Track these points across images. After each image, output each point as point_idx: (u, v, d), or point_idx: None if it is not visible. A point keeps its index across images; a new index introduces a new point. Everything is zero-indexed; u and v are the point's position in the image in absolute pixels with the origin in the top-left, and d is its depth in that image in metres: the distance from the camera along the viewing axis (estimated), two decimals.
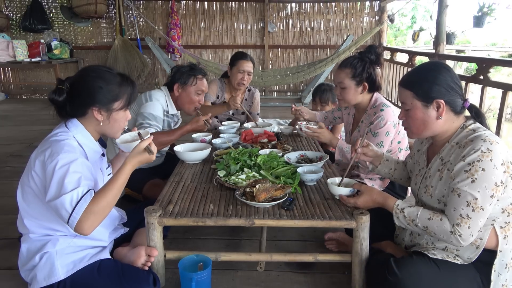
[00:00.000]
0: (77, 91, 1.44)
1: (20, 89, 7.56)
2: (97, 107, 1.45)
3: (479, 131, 1.35)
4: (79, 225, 1.26)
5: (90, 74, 1.47)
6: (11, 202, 2.64)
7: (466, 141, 1.34)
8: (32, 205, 1.42)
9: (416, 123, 1.44)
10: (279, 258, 1.67)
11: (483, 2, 4.69)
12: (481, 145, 1.28)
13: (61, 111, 1.47)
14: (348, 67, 2.10)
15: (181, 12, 7.23)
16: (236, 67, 2.91)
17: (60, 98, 1.42)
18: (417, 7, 14.18)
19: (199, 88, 2.41)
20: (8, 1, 7.12)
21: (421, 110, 1.41)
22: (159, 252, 1.55)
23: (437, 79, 1.38)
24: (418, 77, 1.43)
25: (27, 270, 1.45)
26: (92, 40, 7.37)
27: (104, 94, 1.45)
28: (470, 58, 5.60)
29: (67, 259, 1.42)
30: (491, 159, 1.26)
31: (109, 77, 1.47)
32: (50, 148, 1.36)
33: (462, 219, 1.28)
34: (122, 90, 1.49)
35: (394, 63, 5.83)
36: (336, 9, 7.27)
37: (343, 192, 1.63)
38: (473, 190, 1.27)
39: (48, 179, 1.31)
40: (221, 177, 1.84)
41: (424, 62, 1.52)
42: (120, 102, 1.49)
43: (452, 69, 1.42)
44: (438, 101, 1.38)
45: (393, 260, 1.40)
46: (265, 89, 7.48)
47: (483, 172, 1.26)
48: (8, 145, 4.12)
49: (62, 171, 1.30)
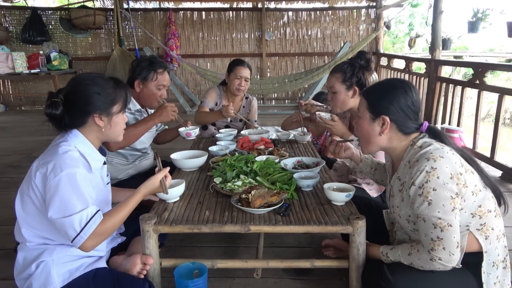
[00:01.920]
0: (74, 101, 1.42)
1: (20, 101, 7.60)
2: (97, 114, 1.45)
3: (425, 148, 1.33)
4: (83, 245, 1.30)
5: (83, 82, 1.46)
6: (8, 213, 2.64)
7: (414, 160, 1.34)
8: (30, 214, 1.41)
9: (362, 134, 1.48)
10: (276, 264, 1.65)
11: (477, 8, 4.74)
12: (425, 165, 1.27)
13: (59, 124, 1.44)
14: (339, 72, 2.16)
15: (179, 22, 7.29)
16: (233, 73, 2.92)
17: (57, 111, 1.40)
18: (414, 14, 14.30)
19: (160, 83, 2.31)
20: (7, 13, 7.20)
21: (368, 122, 1.44)
22: (155, 260, 1.54)
23: (391, 98, 1.39)
24: (377, 90, 1.45)
25: (22, 279, 1.43)
26: (91, 51, 7.42)
27: (103, 100, 1.45)
28: (465, 63, 5.63)
29: (63, 268, 1.40)
30: (438, 176, 1.24)
31: (103, 82, 1.48)
32: (52, 162, 1.34)
33: (434, 242, 1.28)
34: (118, 93, 1.50)
35: (391, 69, 5.87)
36: (333, 17, 7.34)
37: (339, 197, 1.62)
38: (433, 211, 1.26)
39: (51, 195, 1.30)
40: (217, 184, 1.84)
41: (393, 78, 1.55)
42: (118, 105, 1.51)
43: (414, 92, 1.40)
44: (384, 118, 1.39)
45: (386, 266, 1.40)
46: (264, 97, 7.51)
47: (435, 191, 1.25)
48: (6, 156, 4.13)
49: (68, 188, 1.30)
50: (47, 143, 1.51)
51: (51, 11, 7.36)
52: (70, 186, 1.31)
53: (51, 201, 1.30)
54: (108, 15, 7.15)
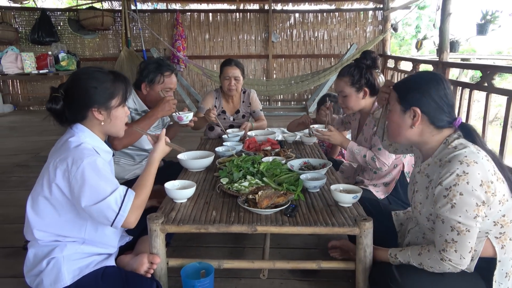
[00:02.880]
0: (72, 95, 1.45)
1: (28, 101, 7.67)
2: (96, 107, 1.46)
3: (459, 150, 1.30)
4: (127, 221, 1.38)
5: (82, 76, 1.48)
6: (17, 211, 2.68)
7: (445, 159, 1.31)
8: (44, 216, 1.42)
9: (392, 126, 1.46)
10: (282, 265, 1.65)
11: (486, 10, 4.70)
12: (457, 168, 1.24)
13: (61, 119, 1.47)
14: (346, 75, 2.13)
15: (186, 23, 7.33)
16: (222, 75, 2.95)
17: (57, 106, 1.43)
18: (421, 17, 14.24)
19: (166, 86, 2.33)
20: (17, 14, 7.28)
21: (398, 114, 1.41)
22: (162, 260, 1.55)
23: (422, 89, 1.36)
24: (408, 83, 1.44)
25: (33, 275, 1.45)
26: (99, 52, 7.48)
27: (100, 94, 1.46)
28: (473, 65, 5.59)
29: (73, 265, 1.42)
30: (467, 182, 1.22)
31: (101, 76, 1.49)
32: (70, 157, 1.36)
33: (447, 244, 1.27)
34: (117, 87, 1.51)
35: (398, 71, 5.84)
36: (340, 18, 7.33)
37: (346, 198, 1.62)
38: (454, 215, 1.24)
39: (79, 186, 1.33)
40: (224, 185, 1.85)
41: (424, 71, 1.53)
42: (117, 99, 1.51)
43: (446, 84, 1.37)
44: (414, 109, 1.36)
45: (395, 267, 1.39)
46: (270, 99, 7.52)
47: (461, 196, 1.23)
48: (14, 156, 4.17)
49: (94, 175, 1.34)
50: (55, 143, 1.53)
51: (60, 12, 7.43)
52: (94, 173, 1.35)
53: (81, 191, 1.33)
54: (116, 16, 7.21)
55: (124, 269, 1.52)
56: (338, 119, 2.70)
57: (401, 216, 1.75)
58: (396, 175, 2.16)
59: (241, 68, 2.98)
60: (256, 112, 3.13)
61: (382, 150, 2.04)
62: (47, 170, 1.41)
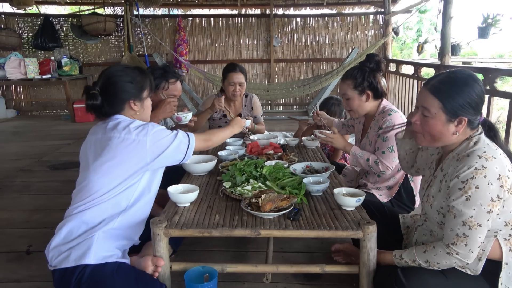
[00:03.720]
0: (110, 91, 1.60)
1: (31, 106, 7.72)
2: (132, 100, 1.63)
3: (479, 145, 1.30)
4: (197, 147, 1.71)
5: (116, 74, 1.63)
6: (20, 216, 2.69)
7: (463, 154, 1.31)
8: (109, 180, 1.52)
9: (433, 133, 1.37)
10: (285, 269, 1.65)
11: (487, 13, 4.70)
12: (476, 162, 1.24)
13: (100, 112, 1.61)
14: (349, 78, 2.14)
15: (188, 28, 7.37)
16: (227, 80, 2.96)
17: (98, 101, 1.57)
18: (422, 21, 14.28)
19: (170, 93, 2.35)
20: (20, 21, 7.34)
21: (443, 123, 1.34)
22: (165, 264, 1.55)
23: (470, 97, 1.30)
24: (453, 90, 1.32)
25: (59, 250, 1.46)
26: (101, 57, 7.53)
27: (135, 87, 1.64)
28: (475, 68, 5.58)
29: (102, 250, 1.47)
30: (485, 175, 1.22)
31: (131, 72, 1.67)
32: (133, 123, 1.56)
33: (458, 238, 1.27)
34: (145, 80, 1.70)
35: (400, 75, 5.85)
36: (341, 23, 7.35)
37: (349, 202, 1.62)
38: (468, 208, 1.24)
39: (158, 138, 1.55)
40: (227, 188, 1.85)
41: (457, 71, 1.39)
42: (147, 90, 1.70)
43: (481, 85, 1.34)
44: (462, 118, 1.31)
45: (400, 270, 1.39)
46: (271, 103, 7.54)
47: (477, 189, 1.23)
48: (18, 160, 4.18)
49: (160, 130, 1.58)
50: (58, 147, 1.56)
51: (63, 18, 7.49)
52: (159, 129, 1.58)
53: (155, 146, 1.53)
54: (118, 22, 7.26)
55: (137, 268, 1.53)
56: (339, 122, 2.71)
57: (408, 219, 1.75)
58: (399, 178, 2.15)
59: (244, 74, 3.00)
60: (257, 118, 3.15)
61: (386, 153, 2.04)
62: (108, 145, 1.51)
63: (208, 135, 1.84)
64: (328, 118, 2.71)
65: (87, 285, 1.40)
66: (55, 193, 3.18)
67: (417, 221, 1.62)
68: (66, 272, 1.42)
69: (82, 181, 1.55)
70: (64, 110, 7.40)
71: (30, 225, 2.53)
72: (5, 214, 2.73)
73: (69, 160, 4.06)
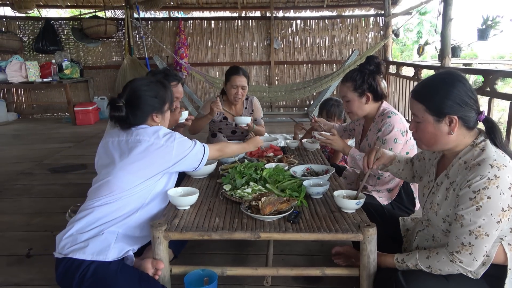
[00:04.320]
0: (136, 104, 1.67)
1: (32, 109, 7.73)
2: (155, 113, 1.72)
3: (488, 153, 1.28)
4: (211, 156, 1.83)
5: (142, 88, 1.70)
6: (20, 219, 2.69)
7: (473, 163, 1.29)
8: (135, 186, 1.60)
9: (427, 136, 1.39)
10: (285, 272, 1.64)
11: (487, 15, 4.71)
12: (488, 172, 1.22)
13: (125, 123, 1.67)
14: (349, 80, 2.15)
15: (188, 31, 7.39)
16: (229, 83, 2.96)
17: (123, 113, 1.64)
18: (423, 22, 14.31)
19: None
20: (22, 24, 7.37)
21: (433, 124, 1.35)
22: (165, 267, 1.54)
23: (450, 94, 1.31)
24: (431, 90, 1.36)
25: (74, 240, 1.49)
26: (102, 60, 7.55)
27: (158, 101, 1.73)
28: (475, 70, 5.58)
29: (120, 247, 1.52)
30: (497, 185, 1.20)
31: (156, 86, 1.75)
32: (161, 130, 1.65)
33: (464, 246, 1.25)
34: (167, 94, 1.78)
35: (400, 77, 5.85)
36: (341, 25, 7.36)
37: (349, 204, 1.61)
38: (478, 217, 1.22)
39: (182, 145, 1.68)
40: (227, 191, 1.85)
41: (438, 73, 1.43)
42: (168, 104, 1.79)
43: (467, 80, 1.35)
44: (451, 116, 1.32)
45: (401, 273, 1.38)
46: (272, 105, 7.54)
47: (489, 200, 1.21)
48: (18, 163, 4.19)
49: (185, 138, 1.72)
50: (58, 150, 1.57)
51: (64, 21, 7.51)
52: (183, 138, 1.71)
53: (179, 151, 1.65)
54: (119, 25, 7.28)
55: (139, 270, 1.54)
56: (340, 127, 2.71)
57: (408, 222, 1.74)
58: (399, 181, 2.15)
59: (247, 77, 3.00)
60: (258, 120, 3.15)
61: None
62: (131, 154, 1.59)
63: (221, 146, 1.97)
64: (327, 123, 2.70)
65: (90, 281, 1.42)
66: (55, 196, 3.18)
67: (418, 225, 1.61)
68: (73, 265, 1.44)
69: (105, 177, 1.60)
70: (65, 113, 7.41)
71: (31, 229, 2.53)
72: (6, 218, 2.73)
73: (69, 163, 4.06)
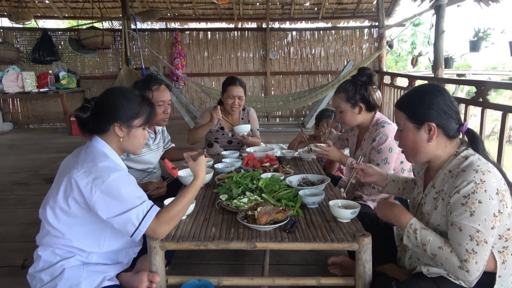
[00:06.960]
0: (100, 108, 1.54)
1: (28, 119, 7.72)
2: (118, 123, 1.53)
3: (471, 159, 1.33)
4: (155, 234, 1.44)
5: (114, 93, 1.58)
6: (16, 229, 2.67)
7: (458, 170, 1.33)
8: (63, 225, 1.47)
9: (409, 145, 1.45)
10: (281, 282, 1.65)
11: (478, 27, 4.80)
12: (474, 176, 1.26)
13: (85, 127, 1.55)
14: (342, 91, 2.19)
15: (185, 41, 7.45)
16: (226, 93, 2.99)
17: (84, 115, 1.52)
18: (417, 34, 14.51)
19: (157, 100, 2.29)
20: (19, 35, 7.40)
21: (413, 132, 1.42)
22: (161, 277, 1.54)
23: (429, 102, 1.38)
24: (412, 99, 1.45)
25: (41, 277, 1.46)
26: (99, 70, 7.58)
27: (125, 111, 1.54)
28: (468, 81, 5.68)
29: (91, 280, 1.45)
30: (485, 190, 1.23)
31: (131, 96, 1.58)
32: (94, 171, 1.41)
33: (469, 254, 1.25)
34: (142, 109, 1.59)
35: (395, 87, 5.92)
36: (336, 36, 7.46)
37: (344, 214, 1.63)
38: (473, 223, 1.24)
39: (108, 199, 1.39)
40: (223, 201, 1.85)
41: (420, 85, 1.53)
42: (140, 120, 1.58)
43: (447, 92, 1.42)
44: (429, 124, 1.38)
45: (395, 283, 1.39)
46: (268, 115, 7.58)
47: (480, 204, 1.23)
48: (14, 174, 4.17)
49: (122, 189, 1.41)
50: (54, 160, 1.56)
51: (61, 32, 7.56)
52: (122, 186, 1.41)
53: (108, 204, 1.39)
54: (116, 35, 7.33)
55: (124, 287, 1.52)
56: (336, 135, 2.74)
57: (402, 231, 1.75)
58: None
59: (244, 87, 3.03)
60: (254, 131, 3.17)
61: (380, 165, 2.06)
62: (64, 183, 1.44)
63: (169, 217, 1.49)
64: (331, 131, 2.77)
65: None
66: None
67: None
68: None
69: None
70: (61, 123, 7.41)
71: (26, 239, 2.51)
72: (1, 228, 2.71)
73: None
